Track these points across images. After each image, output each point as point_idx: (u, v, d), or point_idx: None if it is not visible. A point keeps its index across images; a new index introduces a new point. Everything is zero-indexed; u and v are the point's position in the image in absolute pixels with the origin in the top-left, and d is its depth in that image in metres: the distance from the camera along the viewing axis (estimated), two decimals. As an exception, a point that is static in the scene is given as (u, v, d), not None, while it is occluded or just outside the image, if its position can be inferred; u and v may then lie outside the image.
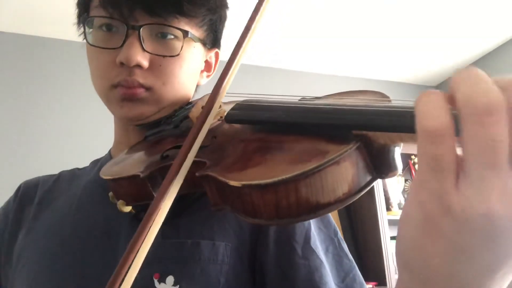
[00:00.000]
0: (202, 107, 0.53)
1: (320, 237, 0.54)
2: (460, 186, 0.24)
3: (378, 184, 2.16)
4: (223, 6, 0.65)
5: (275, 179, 0.32)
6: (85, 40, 0.59)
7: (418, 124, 0.24)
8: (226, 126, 0.49)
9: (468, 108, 0.23)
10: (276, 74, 2.83)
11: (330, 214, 0.58)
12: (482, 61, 2.93)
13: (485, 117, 0.22)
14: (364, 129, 0.34)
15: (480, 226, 0.24)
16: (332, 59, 2.85)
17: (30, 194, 0.66)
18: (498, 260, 0.25)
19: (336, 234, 0.56)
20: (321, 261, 0.50)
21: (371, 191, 2.10)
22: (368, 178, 0.35)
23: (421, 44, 2.74)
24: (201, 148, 0.47)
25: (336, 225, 0.57)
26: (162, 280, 0.49)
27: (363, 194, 0.36)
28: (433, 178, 0.25)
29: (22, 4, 2.18)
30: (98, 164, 0.69)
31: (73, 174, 0.69)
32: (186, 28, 0.57)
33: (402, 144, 0.35)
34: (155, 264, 0.50)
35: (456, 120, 0.24)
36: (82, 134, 2.37)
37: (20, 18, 2.30)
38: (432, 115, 0.24)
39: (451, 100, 0.24)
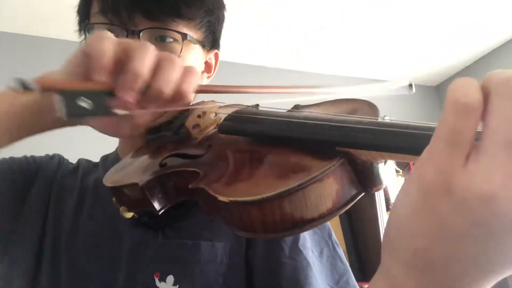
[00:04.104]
0: (199, 116, 0.54)
1: (314, 240, 0.55)
2: (468, 165, 0.24)
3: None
4: (221, 7, 0.66)
5: (259, 196, 0.33)
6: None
7: (451, 96, 0.24)
8: (221, 134, 0.50)
9: (502, 84, 0.23)
10: (276, 74, 2.84)
11: None
12: (482, 61, 2.94)
13: None
14: (346, 146, 0.35)
15: (476, 210, 0.23)
16: (332, 59, 2.85)
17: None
18: (487, 254, 0.25)
19: (330, 237, 0.57)
20: (308, 263, 0.51)
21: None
22: (354, 192, 0.36)
23: (421, 44, 2.75)
24: (197, 156, 0.47)
25: (331, 228, 0.58)
26: (162, 279, 0.50)
27: (363, 196, 0.36)
28: (445, 153, 0.24)
29: (22, 4, 2.18)
30: (107, 161, 0.69)
31: (89, 167, 0.70)
32: (185, 30, 0.58)
33: (384, 160, 0.36)
34: (156, 264, 0.51)
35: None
36: (82, 134, 2.38)
37: (20, 18, 2.30)
38: (467, 89, 0.24)
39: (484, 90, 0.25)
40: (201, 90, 0.47)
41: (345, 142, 0.35)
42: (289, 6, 2.30)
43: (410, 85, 0.50)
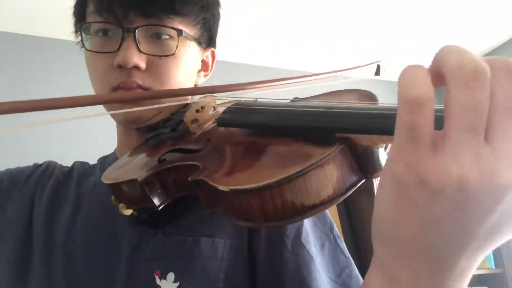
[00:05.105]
0: (197, 111, 0.54)
1: (315, 234, 0.55)
2: (436, 155, 0.25)
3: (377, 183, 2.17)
4: (215, 4, 0.66)
5: (259, 184, 0.33)
6: (83, 47, 0.60)
7: (400, 93, 0.25)
8: (220, 128, 0.50)
9: (457, 73, 0.24)
10: (276, 74, 2.84)
11: (327, 211, 0.59)
12: (482, 61, 2.93)
13: (471, 81, 0.23)
14: (346, 131, 0.35)
15: (452, 195, 0.24)
16: (332, 59, 2.86)
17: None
18: (468, 231, 0.26)
19: (332, 230, 0.57)
20: (311, 257, 0.51)
21: (371, 191, 2.10)
22: (354, 178, 0.36)
23: (420, 44, 2.75)
24: (196, 151, 0.47)
25: (332, 221, 0.58)
26: (163, 276, 0.49)
27: (363, 194, 0.36)
28: (409, 148, 0.25)
29: (22, 4, 2.19)
30: (105, 162, 0.69)
31: (85, 170, 0.69)
32: (180, 27, 0.58)
33: (385, 145, 0.36)
34: (156, 261, 0.51)
35: (438, 118, 0.25)
36: (83, 135, 2.38)
37: (20, 18, 2.31)
38: (416, 83, 0.24)
39: (434, 74, 0.25)
40: (200, 91, 0.46)
41: (344, 127, 0.35)
42: (290, 6, 2.30)
43: (378, 68, 0.50)
